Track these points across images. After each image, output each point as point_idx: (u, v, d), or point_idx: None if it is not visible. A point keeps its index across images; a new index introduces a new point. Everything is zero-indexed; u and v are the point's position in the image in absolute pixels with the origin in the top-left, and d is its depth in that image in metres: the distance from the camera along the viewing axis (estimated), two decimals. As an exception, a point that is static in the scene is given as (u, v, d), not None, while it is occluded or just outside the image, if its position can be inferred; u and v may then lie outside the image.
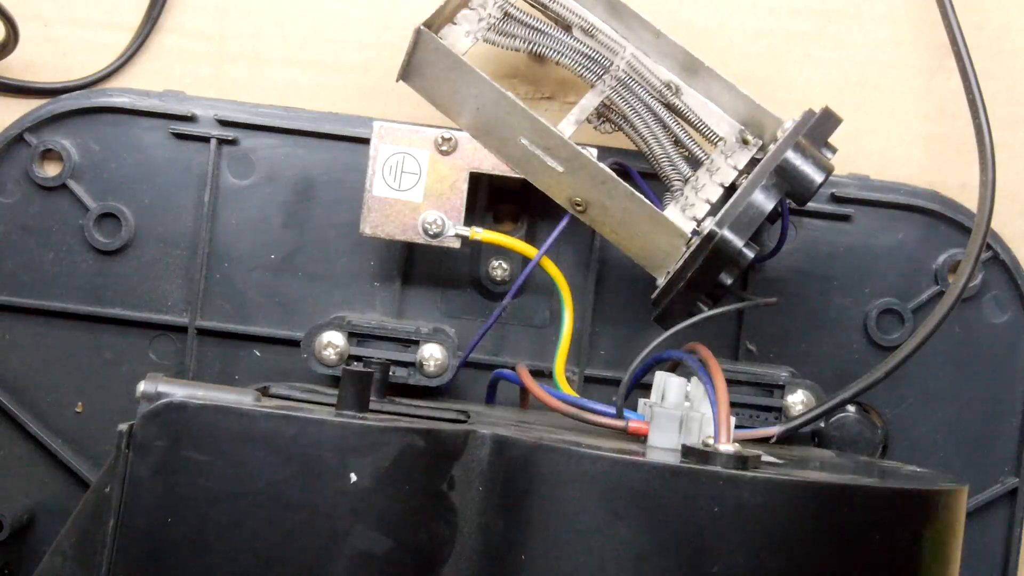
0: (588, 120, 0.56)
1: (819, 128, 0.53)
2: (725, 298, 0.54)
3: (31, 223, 0.60)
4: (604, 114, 0.56)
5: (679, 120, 0.57)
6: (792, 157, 0.52)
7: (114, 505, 0.41)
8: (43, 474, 0.60)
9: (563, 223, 0.56)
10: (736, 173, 0.56)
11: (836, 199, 0.62)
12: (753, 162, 0.56)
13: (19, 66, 0.61)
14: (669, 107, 0.57)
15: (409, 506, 0.42)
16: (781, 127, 0.55)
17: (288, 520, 0.41)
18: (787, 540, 0.41)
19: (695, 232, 0.53)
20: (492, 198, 0.61)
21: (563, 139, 0.53)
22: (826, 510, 0.42)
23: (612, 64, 0.56)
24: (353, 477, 0.41)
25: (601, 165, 0.53)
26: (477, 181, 0.58)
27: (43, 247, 0.60)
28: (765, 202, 0.51)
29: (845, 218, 0.61)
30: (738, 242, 0.50)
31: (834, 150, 0.53)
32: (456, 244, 0.56)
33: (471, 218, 0.58)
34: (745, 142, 0.57)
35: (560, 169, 0.54)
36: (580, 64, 0.56)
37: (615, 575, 0.41)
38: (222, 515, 0.41)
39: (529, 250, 0.56)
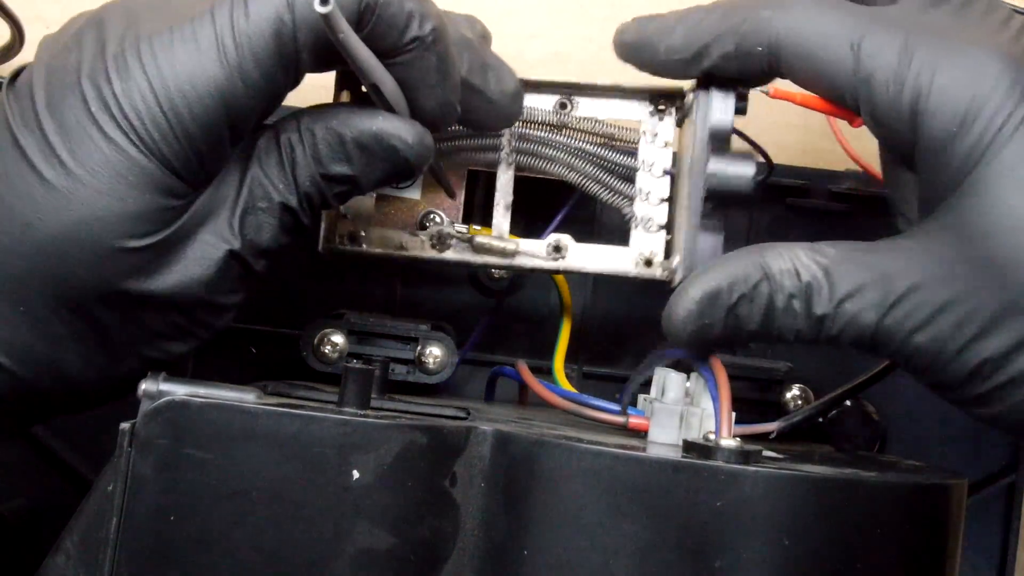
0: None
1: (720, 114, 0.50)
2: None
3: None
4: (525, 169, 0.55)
5: (592, 136, 0.55)
6: (714, 170, 0.49)
7: (116, 503, 0.41)
8: (43, 474, 0.60)
9: (559, 217, 0.56)
10: (671, 154, 0.55)
11: (834, 196, 0.62)
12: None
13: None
14: (570, 127, 0.55)
15: (411, 503, 0.42)
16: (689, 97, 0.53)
17: (290, 517, 0.41)
18: (789, 534, 0.41)
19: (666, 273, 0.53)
20: (489, 195, 0.61)
21: (510, 250, 0.54)
22: (828, 504, 0.42)
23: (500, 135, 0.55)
24: (355, 474, 0.41)
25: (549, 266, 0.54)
26: (475, 179, 0.58)
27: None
28: (712, 238, 0.50)
29: (845, 214, 0.62)
30: None
31: (744, 106, 0.50)
32: (453, 242, 0.56)
33: (469, 216, 0.58)
34: (660, 111, 0.55)
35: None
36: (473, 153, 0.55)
37: (617, 570, 0.41)
38: (225, 512, 0.41)
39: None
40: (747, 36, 0.45)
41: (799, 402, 0.58)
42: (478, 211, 0.59)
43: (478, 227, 0.56)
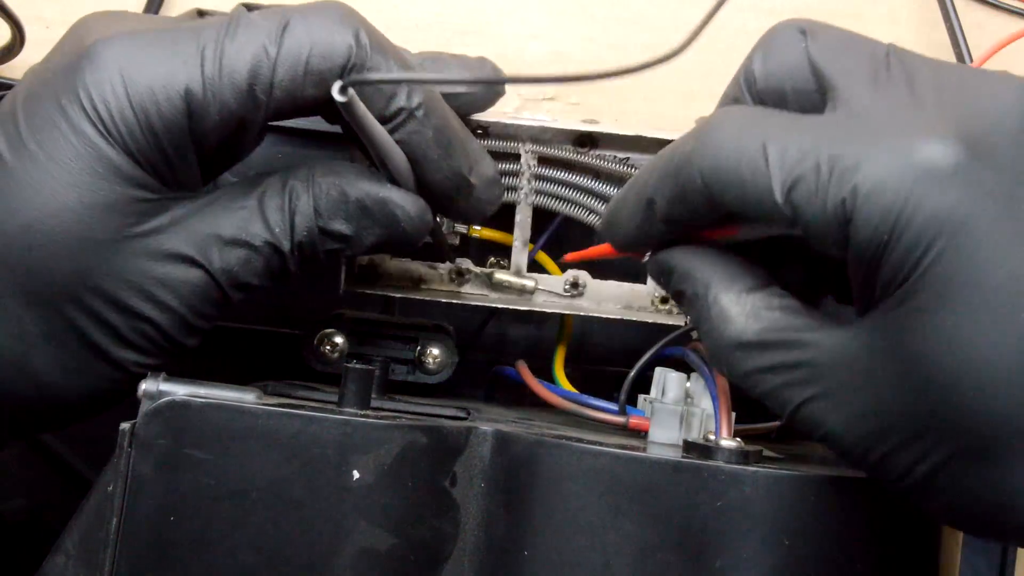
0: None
1: None
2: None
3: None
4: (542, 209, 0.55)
5: (611, 175, 0.55)
6: None
7: (117, 504, 0.41)
8: (43, 474, 0.60)
9: (559, 218, 0.56)
10: None
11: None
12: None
13: (21, 67, 0.60)
14: (591, 170, 0.55)
15: (411, 503, 0.42)
16: None
17: (291, 517, 0.41)
18: (789, 534, 0.41)
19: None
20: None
21: (529, 287, 0.55)
22: (829, 504, 0.42)
23: (520, 167, 0.55)
24: (355, 474, 0.41)
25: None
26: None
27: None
28: None
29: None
30: None
31: None
32: (454, 241, 0.56)
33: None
34: None
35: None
36: None
37: (617, 570, 0.41)
38: (225, 512, 0.41)
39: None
40: (680, 174, 0.42)
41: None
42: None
43: (478, 227, 0.56)
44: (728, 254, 0.44)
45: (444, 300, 0.55)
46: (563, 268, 0.56)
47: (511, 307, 0.55)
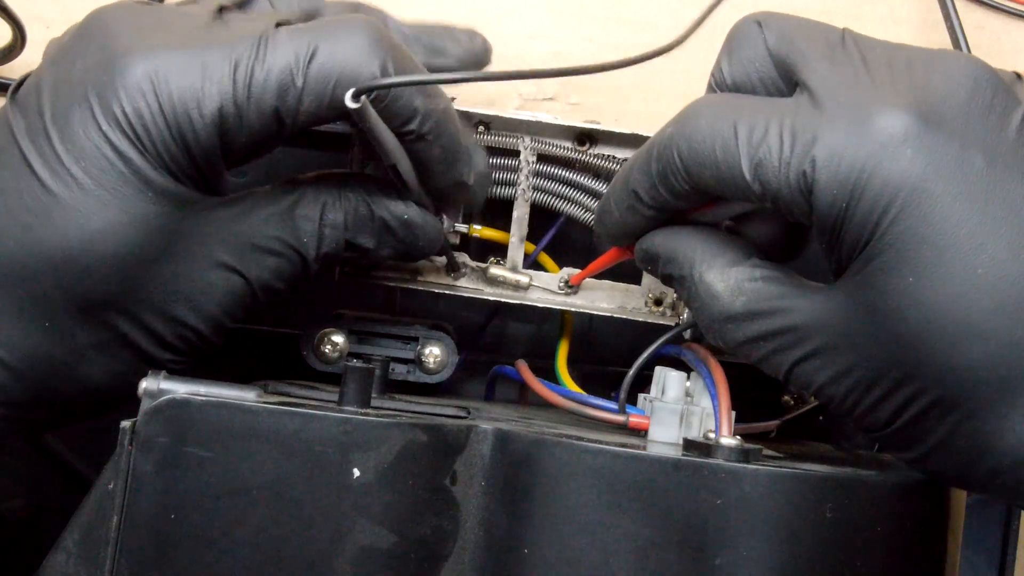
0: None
1: None
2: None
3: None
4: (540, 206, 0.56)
5: (610, 175, 0.55)
6: None
7: (117, 502, 0.41)
8: (43, 474, 0.60)
9: (560, 220, 0.56)
10: None
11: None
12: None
13: (22, 67, 0.60)
14: (591, 169, 0.55)
15: (412, 501, 0.42)
16: None
17: (291, 515, 0.41)
18: (789, 533, 0.41)
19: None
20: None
21: (524, 283, 0.56)
22: (828, 502, 0.42)
23: (519, 163, 0.55)
24: (356, 472, 0.41)
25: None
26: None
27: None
28: None
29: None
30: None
31: None
32: (455, 240, 0.56)
33: (469, 215, 0.58)
34: None
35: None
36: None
37: (618, 568, 0.41)
38: (225, 511, 0.41)
39: (527, 247, 0.56)
40: (662, 158, 0.44)
41: (799, 401, 0.58)
42: (478, 213, 0.59)
43: (478, 227, 0.56)
44: (707, 231, 0.46)
45: (438, 291, 0.56)
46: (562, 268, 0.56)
47: (504, 300, 0.56)
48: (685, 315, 0.54)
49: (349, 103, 0.43)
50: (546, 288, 0.56)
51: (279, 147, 0.48)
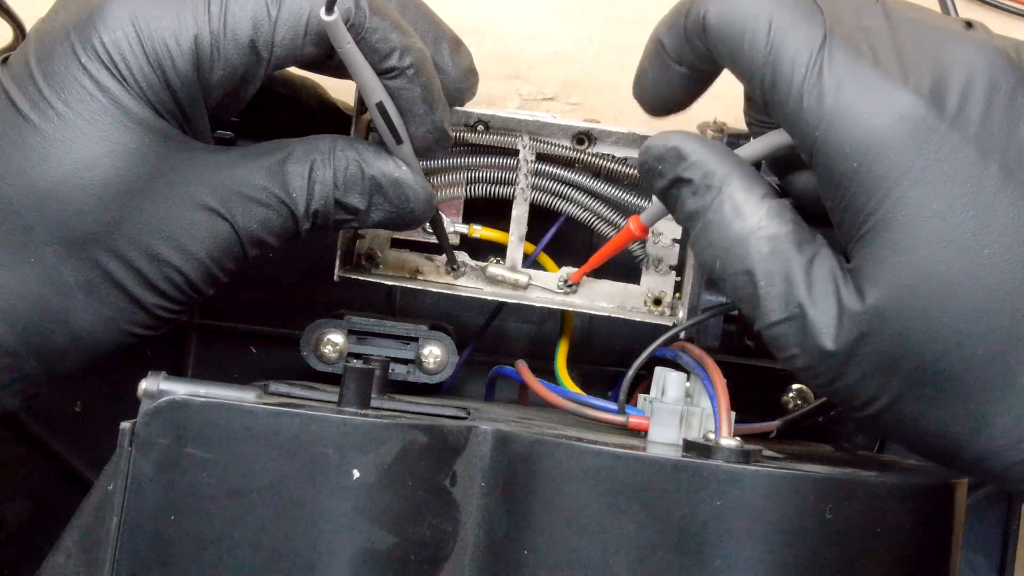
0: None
1: None
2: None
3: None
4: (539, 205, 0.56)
5: (608, 174, 0.55)
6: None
7: (117, 503, 0.41)
8: (43, 474, 0.60)
9: (560, 220, 0.56)
10: None
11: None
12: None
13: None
14: (590, 168, 0.55)
15: (412, 502, 0.42)
16: None
17: (291, 516, 0.41)
18: (789, 534, 0.41)
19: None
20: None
21: (523, 282, 0.56)
22: (828, 503, 0.42)
23: (518, 162, 0.55)
24: (356, 473, 0.41)
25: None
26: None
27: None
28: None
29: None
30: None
31: None
32: (455, 241, 0.56)
33: (469, 215, 0.58)
34: None
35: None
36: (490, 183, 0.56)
37: (617, 569, 0.41)
38: (225, 512, 0.41)
39: (527, 247, 0.56)
40: (689, 14, 0.45)
41: (799, 402, 0.58)
42: (478, 211, 0.59)
43: (478, 227, 0.56)
44: (747, 163, 0.46)
45: (437, 291, 0.56)
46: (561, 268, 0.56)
47: (503, 300, 0.56)
48: (683, 316, 0.54)
49: (323, 16, 0.44)
50: (545, 287, 0.56)
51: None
